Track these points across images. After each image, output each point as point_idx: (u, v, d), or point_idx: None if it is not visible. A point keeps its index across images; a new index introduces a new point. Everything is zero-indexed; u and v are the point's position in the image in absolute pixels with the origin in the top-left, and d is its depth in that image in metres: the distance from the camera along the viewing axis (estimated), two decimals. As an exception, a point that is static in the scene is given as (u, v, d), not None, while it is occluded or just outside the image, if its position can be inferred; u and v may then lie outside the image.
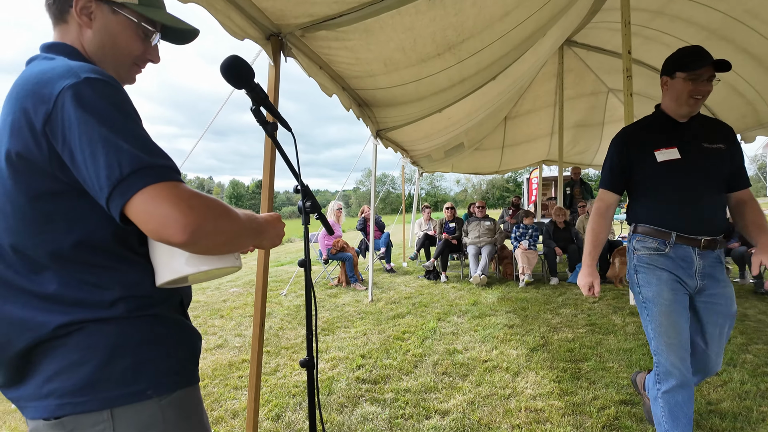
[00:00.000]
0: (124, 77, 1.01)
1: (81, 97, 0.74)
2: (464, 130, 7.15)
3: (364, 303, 5.71)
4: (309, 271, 1.37)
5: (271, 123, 1.24)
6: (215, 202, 0.79)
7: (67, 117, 0.74)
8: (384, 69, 3.22)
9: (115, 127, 0.75)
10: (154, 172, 0.74)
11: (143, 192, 0.72)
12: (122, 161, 0.72)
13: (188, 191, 0.76)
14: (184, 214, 0.72)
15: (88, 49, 0.93)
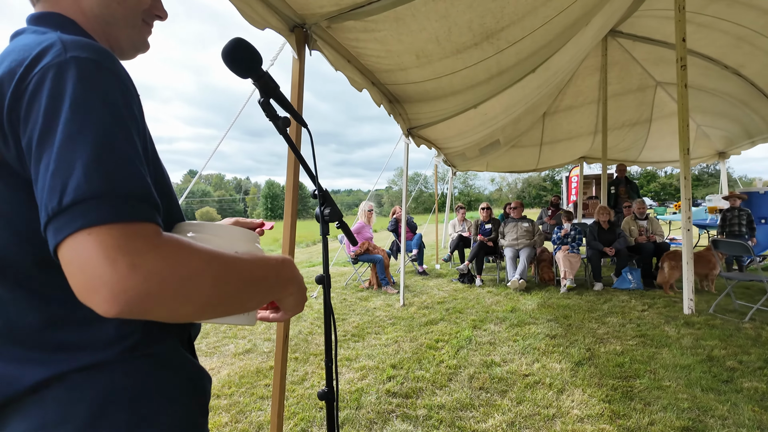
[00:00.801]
0: (137, 41, 0.83)
1: (59, 79, 0.57)
2: (500, 126, 6.84)
3: (396, 307, 5.51)
4: (328, 289, 1.19)
5: (283, 117, 1.06)
6: (186, 259, 0.56)
7: (37, 102, 0.56)
8: (416, 62, 3.02)
9: (84, 128, 0.55)
10: (104, 206, 0.53)
11: (77, 235, 0.52)
12: (68, 183, 0.52)
13: (144, 242, 0.54)
14: (118, 276, 0.51)
15: (91, 13, 0.75)
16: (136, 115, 0.64)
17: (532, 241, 6.75)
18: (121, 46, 0.82)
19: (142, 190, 0.57)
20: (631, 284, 6.11)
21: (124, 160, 0.56)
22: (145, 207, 0.56)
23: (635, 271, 6.22)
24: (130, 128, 0.60)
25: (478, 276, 6.87)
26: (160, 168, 0.79)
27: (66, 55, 0.59)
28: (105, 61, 0.61)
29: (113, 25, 0.78)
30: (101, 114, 0.57)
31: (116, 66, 0.63)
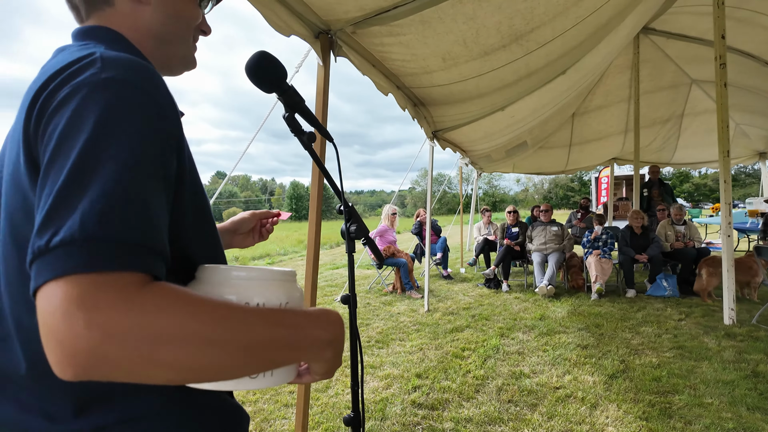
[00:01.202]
0: (188, 58, 0.82)
1: (87, 100, 0.52)
2: (528, 128, 6.68)
3: (420, 313, 5.44)
4: (354, 309, 1.14)
5: (308, 133, 1.02)
6: (165, 315, 0.47)
7: (56, 118, 0.52)
8: (442, 64, 2.95)
9: (99, 161, 0.49)
10: (83, 252, 0.45)
11: (51, 284, 0.45)
12: (61, 220, 0.46)
13: (114, 295, 0.45)
14: (72, 334, 0.43)
15: (148, 31, 0.72)
16: (166, 146, 0.58)
17: (561, 245, 6.56)
18: (173, 64, 0.80)
19: (142, 236, 0.50)
20: (666, 291, 5.87)
21: (134, 202, 0.50)
22: (136, 254, 0.49)
23: (671, 278, 5.97)
24: (156, 164, 0.54)
25: (504, 281, 6.72)
26: (201, 195, 0.73)
27: (101, 75, 0.54)
28: (144, 83, 0.57)
29: (169, 43, 0.76)
30: (123, 147, 0.51)
31: (156, 87, 0.58)
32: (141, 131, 0.54)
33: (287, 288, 0.66)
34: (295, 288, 0.69)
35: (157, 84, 0.59)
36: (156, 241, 0.51)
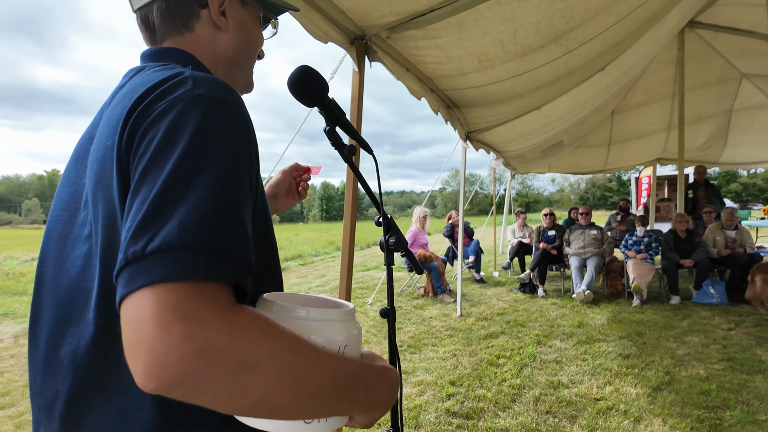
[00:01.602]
0: (249, 82, 0.86)
1: (184, 114, 0.53)
2: (564, 127, 6.49)
3: (453, 317, 5.37)
4: (393, 323, 1.11)
5: (348, 146, 1.00)
6: (257, 339, 0.46)
7: (153, 131, 0.53)
8: (478, 66, 2.89)
9: (196, 172, 0.49)
10: (183, 259, 0.45)
11: (146, 290, 0.44)
12: (161, 228, 0.46)
13: (213, 307, 0.45)
14: (167, 343, 0.42)
15: (223, 56, 0.76)
16: (254, 164, 0.59)
17: (601, 249, 6.34)
18: (238, 88, 0.83)
19: (240, 248, 0.49)
20: (714, 299, 5.57)
21: (229, 213, 0.50)
22: (232, 266, 0.48)
23: (718, 284, 5.67)
24: (244, 180, 0.55)
25: (540, 286, 6.55)
26: (268, 220, 0.73)
27: (195, 91, 0.55)
28: (233, 103, 0.58)
29: (237, 67, 0.80)
30: (218, 160, 0.51)
31: (242, 108, 0.60)
32: (234, 146, 0.55)
33: (347, 328, 0.63)
34: (354, 327, 0.66)
35: (240, 102, 0.61)
36: (248, 253, 0.51)
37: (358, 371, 0.58)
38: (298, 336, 0.51)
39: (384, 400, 0.62)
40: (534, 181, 73.15)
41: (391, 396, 0.64)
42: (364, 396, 0.58)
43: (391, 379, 0.64)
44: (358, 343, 0.65)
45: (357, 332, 0.66)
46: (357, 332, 0.66)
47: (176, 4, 0.72)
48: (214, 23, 0.75)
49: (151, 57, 0.72)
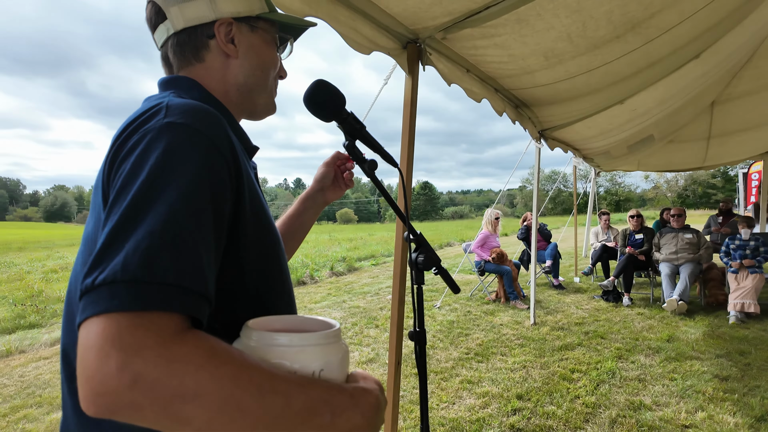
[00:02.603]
0: (269, 104, 0.87)
1: (149, 145, 0.55)
2: (654, 121, 5.90)
3: (525, 325, 5.11)
4: (423, 347, 1.06)
5: (369, 161, 0.97)
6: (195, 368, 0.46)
7: (124, 164, 0.56)
8: (544, 63, 2.71)
9: (150, 203, 0.51)
10: (126, 291, 0.46)
11: (92, 320, 0.46)
12: (109, 259, 0.48)
13: (151, 337, 0.46)
14: (102, 374, 0.44)
15: (235, 81, 0.79)
16: (226, 187, 0.59)
17: (697, 255, 5.68)
18: (257, 110, 0.85)
19: (186, 278, 0.50)
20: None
21: (178, 247, 0.51)
22: (176, 296, 0.49)
23: None
24: (204, 207, 0.55)
25: (626, 294, 6.03)
26: (267, 235, 0.73)
27: (164, 120, 0.58)
28: (204, 127, 0.60)
29: (252, 91, 0.82)
30: (174, 194, 0.53)
31: (215, 131, 0.61)
32: (194, 172, 0.55)
33: (325, 352, 0.61)
34: (334, 350, 0.63)
35: (216, 127, 0.62)
36: (198, 283, 0.52)
37: (324, 396, 0.56)
38: (247, 363, 0.51)
39: (358, 424, 0.58)
40: (625, 178, 67.61)
41: (367, 419, 0.60)
42: (332, 420, 0.56)
43: (367, 401, 0.60)
44: (339, 365, 0.63)
45: (339, 354, 0.63)
46: (339, 354, 0.63)
47: (186, 39, 0.76)
48: (224, 51, 0.77)
49: (160, 86, 0.76)
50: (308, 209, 1.13)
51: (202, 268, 0.52)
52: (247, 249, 0.67)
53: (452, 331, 4.99)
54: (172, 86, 0.74)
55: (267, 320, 0.67)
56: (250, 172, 0.71)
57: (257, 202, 0.70)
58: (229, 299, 0.65)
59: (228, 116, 0.77)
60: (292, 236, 1.13)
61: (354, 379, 0.65)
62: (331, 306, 6.41)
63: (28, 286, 8.46)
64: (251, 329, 0.62)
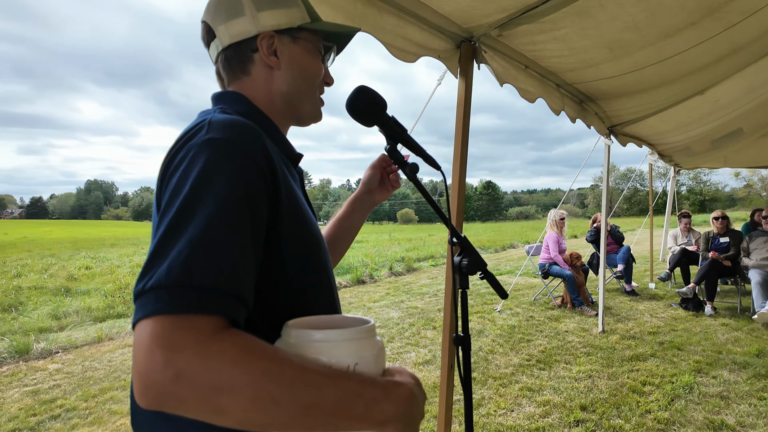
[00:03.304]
0: (314, 111, 0.90)
1: (192, 161, 0.61)
2: (742, 113, 5.36)
3: (593, 333, 4.84)
4: (468, 352, 1.04)
5: (410, 164, 0.97)
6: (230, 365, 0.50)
7: (173, 178, 0.61)
8: (609, 55, 2.56)
9: (191, 214, 0.56)
10: (169, 296, 0.51)
11: (142, 322, 0.51)
12: (156, 266, 0.53)
13: (191, 337, 0.50)
14: (149, 370, 0.49)
15: (278, 91, 0.83)
16: (262, 196, 0.63)
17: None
18: (302, 117, 0.89)
19: (225, 284, 0.54)
20: None
21: (216, 253, 0.55)
22: (213, 299, 0.53)
23: None
24: (237, 215, 0.59)
25: (708, 303, 5.52)
26: (306, 241, 0.76)
27: (206, 136, 0.63)
28: (240, 140, 0.64)
29: (297, 100, 0.85)
30: (213, 204, 0.57)
31: (251, 143, 0.65)
32: (230, 183, 0.59)
33: (359, 347, 0.64)
34: (369, 346, 0.65)
35: (252, 139, 0.65)
36: (234, 286, 0.55)
37: (356, 388, 0.58)
38: (280, 358, 0.54)
39: (391, 415, 0.60)
40: (711, 175, 61.88)
41: (401, 410, 0.61)
42: (365, 412, 0.58)
43: (400, 394, 0.62)
44: (373, 360, 0.65)
45: (373, 349, 0.66)
46: (373, 349, 0.66)
47: (232, 55, 0.81)
48: (267, 63, 0.81)
49: (212, 100, 0.82)
50: (356, 211, 1.15)
51: (237, 272, 0.56)
52: (287, 250, 0.70)
53: (513, 336, 4.84)
54: (221, 101, 0.80)
55: (306, 320, 0.71)
56: (288, 178, 0.74)
57: (296, 205, 0.73)
58: (273, 296, 0.70)
59: (270, 127, 0.80)
60: (343, 237, 1.16)
61: (390, 373, 0.67)
62: (389, 306, 6.46)
63: (117, 279, 9.32)
64: (290, 328, 0.65)
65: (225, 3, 0.80)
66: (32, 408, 3.28)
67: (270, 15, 0.79)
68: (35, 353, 4.51)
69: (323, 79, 0.90)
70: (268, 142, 0.70)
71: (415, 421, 0.64)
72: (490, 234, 23.10)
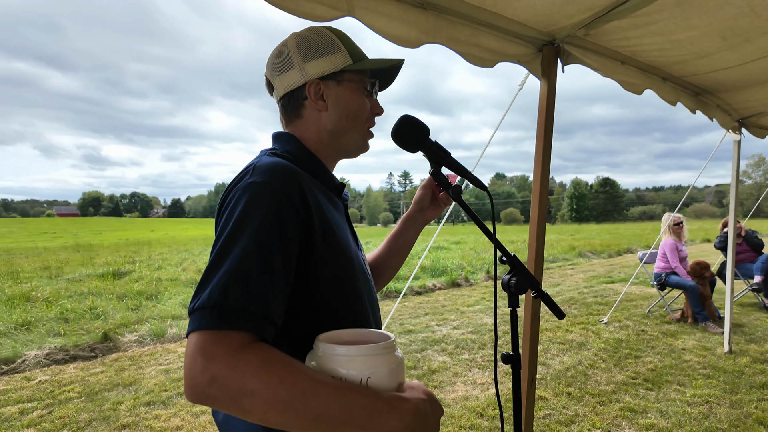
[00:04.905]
0: (361, 144, 1.00)
1: (236, 202, 0.74)
2: None
3: (717, 353, 4.27)
4: (518, 370, 1.05)
5: (454, 186, 1.01)
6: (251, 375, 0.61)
7: (223, 216, 0.76)
8: (723, 44, 2.27)
9: (230, 249, 0.69)
10: (208, 316, 0.64)
11: (191, 335, 0.65)
12: (203, 290, 0.67)
13: (225, 349, 0.62)
14: (193, 373, 0.61)
15: (325, 129, 0.94)
16: (288, 232, 0.73)
17: None
18: (348, 149, 1.00)
19: (254, 306, 0.66)
20: None
21: (249, 281, 0.67)
22: (245, 319, 0.65)
23: None
24: (273, 250, 0.71)
25: None
26: (341, 264, 0.85)
27: (250, 179, 0.76)
28: (277, 182, 0.75)
29: (342, 135, 0.96)
30: (249, 239, 0.70)
31: (287, 184, 0.76)
32: (264, 220, 0.72)
33: (373, 362, 0.71)
34: (384, 361, 0.72)
35: (288, 181, 0.77)
36: (262, 308, 0.67)
37: (362, 401, 0.66)
38: (296, 370, 0.64)
39: (395, 427, 0.67)
40: None
41: (405, 423, 0.68)
42: (369, 422, 0.66)
43: (403, 408, 0.69)
44: (387, 374, 0.71)
45: (390, 364, 0.72)
46: (390, 364, 0.72)
47: (287, 102, 0.95)
48: (316, 107, 0.92)
49: (272, 139, 0.97)
50: (409, 228, 1.22)
51: (266, 297, 0.68)
52: (323, 273, 0.81)
53: (619, 351, 4.47)
54: (276, 141, 0.95)
55: (335, 333, 0.79)
56: (326, 210, 0.84)
57: (332, 233, 0.83)
58: (311, 314, 0.80)
59: (316, 165, 0.92)
60: (397, 252, 1.24)
61: (403, 388, 0.73)
62: (482, 311, 6.34)
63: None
64: (319, 341, 0.75)
65: (279, 58, 0.93)
66: (164, 384, 3.86)
67: (314, 64, 0.90)
68: (169, 337, 5.27)
69: (372, 111, 0.99)
70: (305, 180, 0.81)
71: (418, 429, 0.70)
72: (604, 237, 21.23)
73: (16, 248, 17.72)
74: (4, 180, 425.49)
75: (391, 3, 1.56)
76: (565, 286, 8.47)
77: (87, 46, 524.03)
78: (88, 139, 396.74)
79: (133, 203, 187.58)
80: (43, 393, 3.66)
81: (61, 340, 4.82)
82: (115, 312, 6.06)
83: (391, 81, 1.07)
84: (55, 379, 4.00)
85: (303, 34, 0.94)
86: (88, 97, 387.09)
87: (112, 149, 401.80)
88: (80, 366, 4.36)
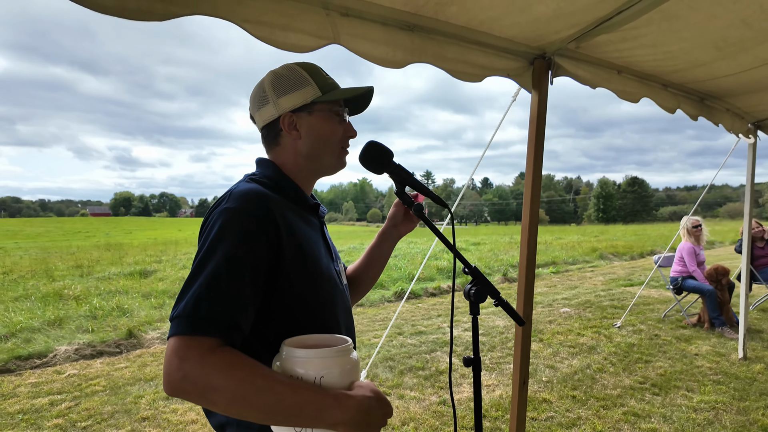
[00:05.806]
0: (336, 164, 1.11)
1: (213, 225, 0.87)
2: None
3: (730, 359, 4.21)
4: (479, 372, 1.14)
5: (416, 204, 1.11)
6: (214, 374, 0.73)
7: (201, 237, 0.89)
8: (718, 54, 2.28)
9: (204, 267, 0.81)
10: (184, 323, 0.76)
11: (170, 339, 0.76)
12: (181, 301, 0.79)
13: (196, 352, 0.74)
14: (169, 371, 0.73)
15: (301, 155, 1.06)
16: (257, 251, 0.86)
17: None
18: (325, 169, 1.12)
19: (222, 316, 0.78)
20: None
21: (218, 294, 0.80)
22: (214, 326, 0.77)
23: None
24: (241, 268, 0.83)
25: None
26: (310, 278, 0.97)
27: (225, 205, 0.89)
28: (249, 207, 0.89)
29: (317, 158, 1.08)
30: (220, 258, 0.82)
31: (258, 209, 0.89)
32: (236, 240, 0.85)
33: (327, 364, 0.83)
34: (338, 363, 0.83)
35: (259, 205, 0.90)
36: (230, 317, 0.80)
37: (311, 397, 0.78)
38: (255, 370, 0.76)
39: (340, 419, 0.78)
40: None
41: (348, 416, 0.78)
42: (318, 415, 0.77)
43: (347, 404, 0.79)
44: (339, 374, 0.83)
45: (343, 366, 0.84)
46: (343, 366, 0.84)
47: (266, 133, 1.08)
48: (290, 137, 1.05)
49: (255, 163, 1.10)
50: (384, 242, 1.33)
51: (234, 307, 0.80)
52: (292, 285, 0.93)
53: (630, 355, 4.46)
54: (258, 166, 1.08)
55: (300, 338, 0.91)
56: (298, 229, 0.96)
57: (301, 250, 0.95)
58: (282, 320, 0.93)
59: (291, 188, 1.04)
60: (375, 263, 1.36)
61: (353, 386, 0.84)
62: (495, 313, 6.37)
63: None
64: (284, 345, 0.88)
65: (257, 95, 1.06)
66: (183, 379, 4.06)
67: (287, 99, 1.02)
68: (190, 334, 5.50)
69: (345, 134, 1.10)
70: (277, 204, 0.93)
71: (369, 427, 0.81)
72: (630, 238, 20.72)
73: (52, 247, 18.61)
74: (42, 181, 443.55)
75: (377, 27, 1.65)
76: (582, 289, 8.39)
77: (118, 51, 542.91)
78: (119, 140, 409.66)
79: (162, 203, 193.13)
80: (72, 386, 3.92)
81: (89, 336, 5.12)
82: (140, 310, 6.36)
83: (365, 105, 1.17)
84: (83, 373, 4.26)
85: (277, 71, 1.06)
86: (119, 100, 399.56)
87: (142, 150, 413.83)
88: (106, 361, 4.63)
